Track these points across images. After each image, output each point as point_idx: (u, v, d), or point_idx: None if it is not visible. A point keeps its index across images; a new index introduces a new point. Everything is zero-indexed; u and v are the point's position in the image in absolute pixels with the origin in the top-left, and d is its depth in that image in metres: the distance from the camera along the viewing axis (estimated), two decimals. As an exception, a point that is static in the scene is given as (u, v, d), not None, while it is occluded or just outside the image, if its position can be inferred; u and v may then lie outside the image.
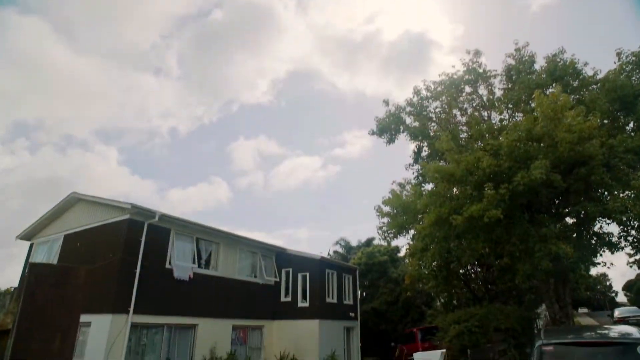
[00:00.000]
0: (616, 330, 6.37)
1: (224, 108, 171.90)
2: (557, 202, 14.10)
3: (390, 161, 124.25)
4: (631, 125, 14.07)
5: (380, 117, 17.08)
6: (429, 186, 15.64)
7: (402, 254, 27.38)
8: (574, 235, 13.68)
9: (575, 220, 14.43)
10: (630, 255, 14.51)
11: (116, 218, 13.13)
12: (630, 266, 15.22)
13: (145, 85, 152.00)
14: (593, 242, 13.64)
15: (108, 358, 11.28)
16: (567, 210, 14.12)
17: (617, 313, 27.21)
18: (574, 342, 5.70)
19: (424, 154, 17.42)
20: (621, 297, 71.27)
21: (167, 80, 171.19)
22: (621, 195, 11.92)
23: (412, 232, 15.61)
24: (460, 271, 18.95)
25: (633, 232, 13.16)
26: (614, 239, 13.21)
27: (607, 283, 73.15)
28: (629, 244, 13.16)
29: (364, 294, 26.91)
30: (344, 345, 18.36)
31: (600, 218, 13.26)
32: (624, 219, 11.80)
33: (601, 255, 13.17)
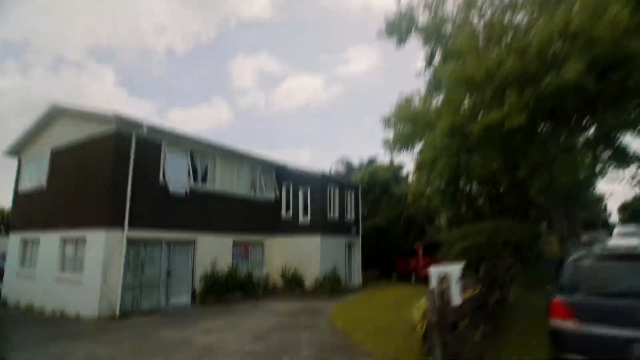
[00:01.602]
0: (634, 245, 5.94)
1: (222, 24, 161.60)
2: (582, 110, 12.94)
3: (397, 78, 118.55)
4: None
5: (389, 16, 15.12)
6: (440, 97, 14.34)
7: (405, 172, 26.88)
8: (592, 149, 12.78)
9: (595, 134, 13.43)
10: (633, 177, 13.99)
11: (102, 129, 12.17)
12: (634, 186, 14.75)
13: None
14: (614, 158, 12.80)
15: (107, 272, 11.13)
16: (590, 122, 13.02)
17: (617, 230, 27.71)
18: (611, 255, 5.08)
19: (436, 60, 15.75)
20: (614, 218, 72.90)
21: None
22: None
23: (419, 145, 14.67)
24: (466, 188, 18.42)
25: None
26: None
27: (603, 204, 74.32)
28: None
29: (366, 211, 26.82)
30: (345, 260, 18.47)
31: (624, 130, 12.27)
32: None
33: (623, 170, 12.41)
